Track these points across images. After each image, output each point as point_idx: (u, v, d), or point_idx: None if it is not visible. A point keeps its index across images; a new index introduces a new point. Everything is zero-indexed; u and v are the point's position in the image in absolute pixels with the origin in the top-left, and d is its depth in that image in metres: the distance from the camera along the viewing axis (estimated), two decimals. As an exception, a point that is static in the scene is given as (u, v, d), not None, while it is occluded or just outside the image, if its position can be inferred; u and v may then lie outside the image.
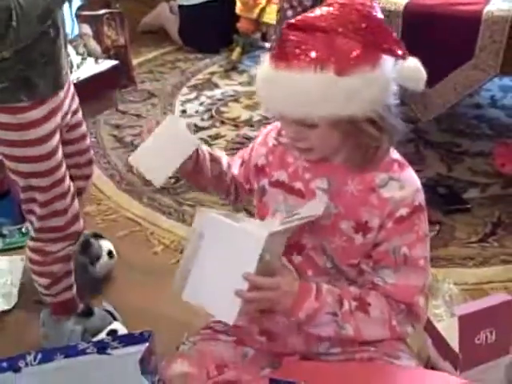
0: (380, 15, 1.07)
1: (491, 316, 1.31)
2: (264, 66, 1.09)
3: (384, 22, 1.07)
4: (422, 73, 1.09)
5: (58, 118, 1.45)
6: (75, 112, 1.57)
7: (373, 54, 1.04)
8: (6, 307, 1.83)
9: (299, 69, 1.02)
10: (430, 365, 1.39)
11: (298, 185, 1.18)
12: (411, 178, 1.15)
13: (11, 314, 1.82)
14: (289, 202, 1.18)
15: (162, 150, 1.13)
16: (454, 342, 1.33)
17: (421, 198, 1.14)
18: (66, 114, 1.50)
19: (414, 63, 1.08)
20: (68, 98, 1.51)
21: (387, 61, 1.06)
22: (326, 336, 1.16)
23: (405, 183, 1.13)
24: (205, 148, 1.27)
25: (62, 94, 1.46)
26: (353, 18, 1.03)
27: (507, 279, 1.84)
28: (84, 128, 1.63)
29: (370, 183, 1.13)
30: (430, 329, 1.42)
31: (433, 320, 1.43)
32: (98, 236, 1.95)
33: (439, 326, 1.41)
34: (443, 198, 2.21)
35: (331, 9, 1.05)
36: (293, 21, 1.06)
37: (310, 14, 1.07)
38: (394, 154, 1.17)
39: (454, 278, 1.69)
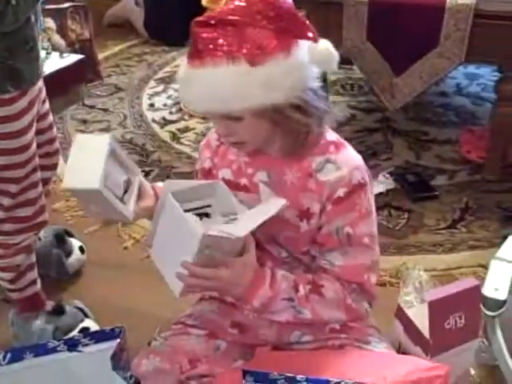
0: (288, 0, 1.06)
1: (460, 301, 1.33)
2: (182, 67, 1.09)
3: (293, 7, 1.06)
4: (334, 54, 1.08)
5: (35, 108, 1.43)
6: (44, 101, 1.55)
7: (285, 40, 1.03)
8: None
9: (213, 65, 1.02)
10: (401, 351, 1.40)
11: (243, 181, 1.19)
12: (348, 158, 1.15)
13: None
14: (238, 198, 1.18)
15: (83, 160, 1.14)
16: (424, 328, 1.35)
17: (360, 175, 1.14)
18: (38, 103, 1.48)
19: (325, 45, 1.08)
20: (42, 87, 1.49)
21: (301, 45, 1.05)
22: (284, 321, 1.16)
23: (341, 164, 1.13)
24: (160, 184, 1.28)
25: (39, 83, 1.44)
26: (260, 7, 1.03)
27: (476, 264, 1.87)
28: (51, 117, 1.61)
29: (307, 169, 1.14)
30: (401, 315, 1.43)
31: (403, 307, 1.44)
32: (67, 233, 1.93)
33: (410, 313, 1.42)
34: (412, 186, 2.23)
35: (238, 1, 1.04)
36: (202, 18, 1.05)
37: (218, 10, 1.06)
38: (331, 135, 1.17)
39: (424, 265, 1.70)
